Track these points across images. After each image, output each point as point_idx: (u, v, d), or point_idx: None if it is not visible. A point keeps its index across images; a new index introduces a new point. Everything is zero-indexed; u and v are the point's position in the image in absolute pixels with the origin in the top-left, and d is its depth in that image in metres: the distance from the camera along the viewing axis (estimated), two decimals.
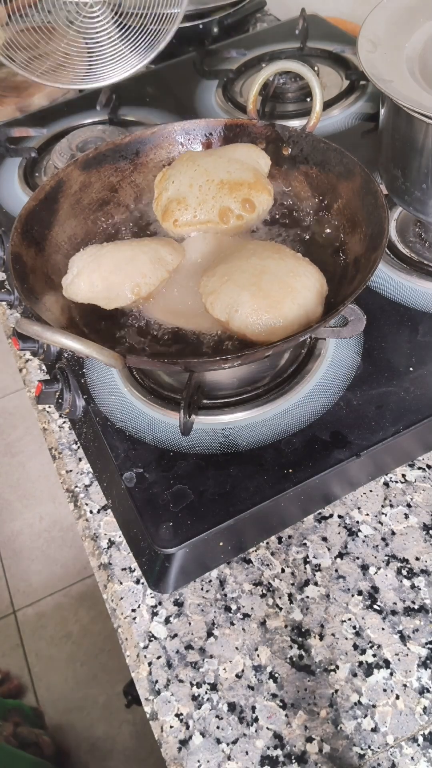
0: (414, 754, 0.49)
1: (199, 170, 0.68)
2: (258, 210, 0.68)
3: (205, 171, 0.68)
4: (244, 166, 0.69)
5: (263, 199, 0.68)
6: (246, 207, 0.67)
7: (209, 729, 0.51)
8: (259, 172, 0.69)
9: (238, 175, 0.68)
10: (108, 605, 0.60)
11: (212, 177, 0.68)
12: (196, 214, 0.68)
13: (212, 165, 0.69)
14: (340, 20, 1.22)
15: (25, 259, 0.62)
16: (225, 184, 0.67)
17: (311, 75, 0.68)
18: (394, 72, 0.63)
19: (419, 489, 0.62)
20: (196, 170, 0.68)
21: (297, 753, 0.50)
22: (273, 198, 0.69)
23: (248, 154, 0.70)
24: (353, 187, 0.65)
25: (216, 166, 0.68)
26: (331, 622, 0.55)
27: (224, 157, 0.70)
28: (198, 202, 0.67)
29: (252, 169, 0.69)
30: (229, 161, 0.69)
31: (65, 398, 0.67)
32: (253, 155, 0.70)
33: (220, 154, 0.71)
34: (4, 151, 1.02)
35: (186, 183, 0.68)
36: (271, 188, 0.69)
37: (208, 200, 0.67)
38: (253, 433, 0.61)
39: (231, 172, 0.68)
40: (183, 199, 0.68)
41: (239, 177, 0.68)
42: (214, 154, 0.71)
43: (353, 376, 0.64)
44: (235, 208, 0.67)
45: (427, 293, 0.71)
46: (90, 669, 1.50)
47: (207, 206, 0.67)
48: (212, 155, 0.70)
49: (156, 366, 0.60)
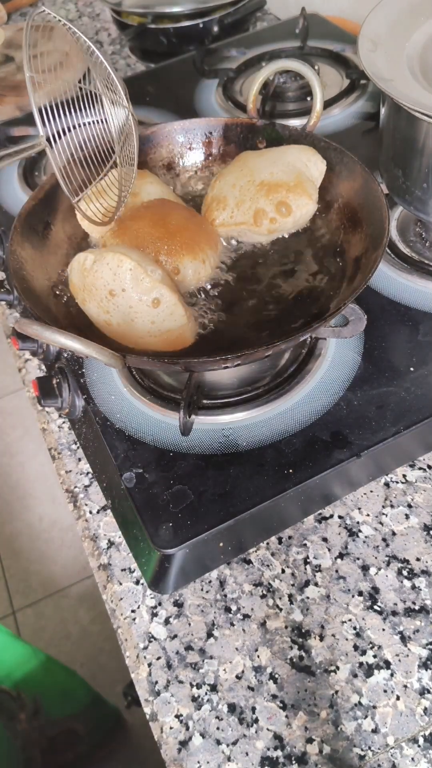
0: (414, 755, 0.48)
1: (245, 170, 0.67)
2: (295, 214, 0.65)
3: (250, 171, 0.66)
4: (289, 169, 0.66)
5: (302, 203, 0.65)
6: (281, 210, 0.64)
7: (209, 730, 0.51)
8: (303, 176, 0.66)
9: (280, 177, 0.65)
10: (107, 606, 0.59)
11: (254, 178, 0.66)
12: (233, 214, 0.66)
13: (258, 165, 0.67)
14: (340, 19, 1.22)
15: (24, 258, 0.62)
16: (264, 186, 0.65)
17: (311, 74, 0.68)
18: (394, 71, 0.63)
19: (420, 489, 0.62)
20: (242, 170, 0.67)
21: (297, 754, 0.50)
22: (317, 203, 0.67)
23: (298, 157, 0.67)
24: (354, 187, 0.65)
25: (261, 167, 0.66)
26: (331, 623, 0.55)
27: (273, 158, 0.67)
28: (236, 202, 0.66)
29: (297, 172, 0.66)
30: (274, 162, 0.67)
31: (65, 397, 0.67)
32: (303, 158, 0.67)
33: (270, 155, 0.68)
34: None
35: (230, 182, 0.67)
36: (314, 193, 0.66)
37: (246, 201, 0.65)
38: (253, 433, 0.61)
39: (273, 173, 0.65)
40: (223, 198, 0.66)
41: (279, 179, 0.65)
42: (265, 155, 0.68)
43: (354, 376, 0.64)
44: (269, 211, 0.64)
45: (428, 293, 0.71)
46: (89, 669, 1.50)
47: (244, 207, 0.65)
48: (263, 155, 0.68)
49: (156, 366, 0.60)
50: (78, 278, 0.58)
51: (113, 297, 0.55)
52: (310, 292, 0.64)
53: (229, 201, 0.66)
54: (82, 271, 0.57)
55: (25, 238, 0.63)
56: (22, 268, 0.61)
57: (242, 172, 0.67)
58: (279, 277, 0.66)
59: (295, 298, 0.64)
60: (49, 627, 1.60)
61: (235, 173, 0.68)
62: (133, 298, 0.55)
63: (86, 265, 0.56)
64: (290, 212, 0.65)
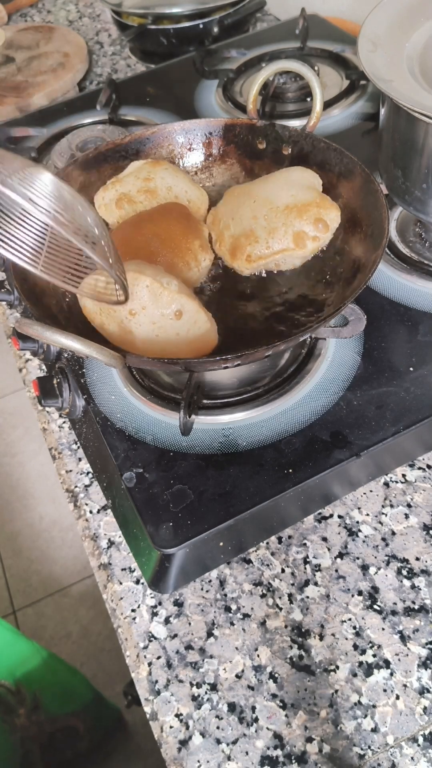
0: (414, 755, 0.49)
1: (258, 201, 0.65)
2: (331, 228, 0.64)
3: (265, 200, 0.64)
4: (304, 188, 0.65)
5: (333, 216, 0.64)
6: (319, 227, 0.63)
7: (209, 729, 0.51)
8: (318, 191, 0.66)
9: (302, 196, 0.64)
10: (108, 605, 0.60)
11: (275, 204, 0.64)
12: (269, 244, 0.63)
13: (271, 192, 0.65)
14: (340, 20, 1.22)
15: None
16: (292, 209, 0.63)
17: (311, 75, 0.68)
18: (394, 72, 0.63)
19: (419, 489, 0.62)
20: (255, 201, 0.65)
21: (297, 753, 0.50)
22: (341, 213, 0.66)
23: (302, 175, 0.67)
24: (353, 187, 0.65)
25: (275, 193, 0.65)
26: (331, 623, 0.55)
27: (280, 182, 0.66)
28: (267, 232, 0.63)
29: (313, 189, 0.65)
30: (287, 185, 0.65)
31: (65, 397, 0.67)
32: (308, 176, 0.67)
33: (272, 181, 0.67)
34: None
35: (248, 216, 0.64)
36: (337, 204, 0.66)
37: (279, 228, 0.63)
38: (253, 433, 0.61)
39: (294, 195, 0.64)
40: (251, 232, 0.64)
41: (304, 199, 0.64)
42: (267, 182, 0.67)
43: (353, 376, 0.64)
44: (309, 231, 0.63)
45: (428, 293, 0.71)
46: (90, 669, 1.50)
47: (278, 234, 0.63)
48: (265, 183, 0.67)
49: (156, 366, 0.60)
50: (92, 302, 0.57)
51: (134, 316, 0.55)
52: (310, 293, 0.64)
53: (258, 233, 0.64)
54: None
55: None
56: (23, 268, 0.61)
57: (256, 203, 0.65)
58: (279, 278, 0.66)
59: (295, 299, 0.64)
60: (49, 626, 1.60)
61: (246, 205, 0.65)
62: (155, 314, 0.55)
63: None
64: (327, 228, 0.63)
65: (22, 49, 1.29)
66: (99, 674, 1.49)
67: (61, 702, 1.10)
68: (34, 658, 1.03)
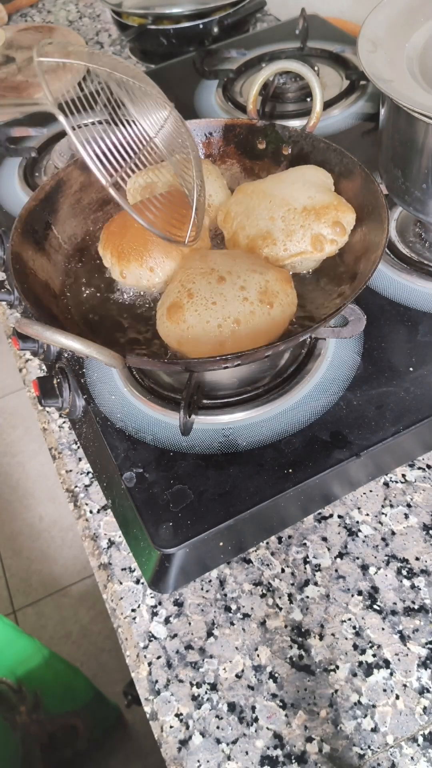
0: (414, 754, 0.49)
1: (275, 201, 0.64)
2: (347, 232, 0.63)
3: (282, 200, 0.63)
4: (321, 189, 0.64)
5: (350, 220, 0.63)
6: (337, 231, 0.62)
7: (209, 729, 0.51)
8: (334, 193, 0.66)
9: (320, 198, 0.63)
10: (108, 605, 0.60)
11: (292, 205, 0.63)
12: (286, 246, 0.62)
13: (287, 193, 0.64)
14: (340, 20, 1.22)
15: (25, 259, 0.62)
16: (310, 211, 0.62)
17: (311, 75, 0.68)
18: (394, 72, 0.63)
19: (419, 489, 0.62)
20: (271, 201, 0.64)
21: (297, 753, 0.50)
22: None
23: (315, 175, 0.66)
24: (353, 187, 0.65)
25: (292, 194, 0.64)
26: (331, 622, 0.55)
27: (297, 182, 0.65)
28: (285, 234, 0.62)
29: (329, 190, 0.65)
30: (305, 186, 0.64)
31: (65, 397, 0.67)
32: (322, 176, 0.67)
33: (288, 180, 0.66)
34: (4, 151, 1.02)
35: (265, 216, 0.63)
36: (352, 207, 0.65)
37: (297, 230, 0.62)
38: (253, 433, 0.61)
39: (312, 197, 0.63)
40: (268, 234, 0.63)
41: (322, 201, 0.63)
42: (282, 181, 0.66)
43: (353, 376, 0.64)
44: (327, 234, 0.62)
45: (427, 293, 0.71)
46: (90, 669, 1.50)
47: (296, 237, 0.62)
48: (280, 182, 0.66)
49: (156, 366, 0.60)
50: (179, 331, 0.57)
51: (238, 326, 0.56)
52: (310, 293, 0.64)
53: (275, 235, 0.63)
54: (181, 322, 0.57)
55: (25, 238, 0.64)
56: (23, 268, 0.61)
57: (273, 203, 0.64)
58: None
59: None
60: (49, 626, 1.60)
61: (263, 205, 0.64)
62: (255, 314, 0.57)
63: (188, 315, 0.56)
64: (345, 231, 0.63)
65: (22, 49, 1.29)
66: (99, 674, 1.49)
67: (62, 700, 1.11)
68: (35, 657, 1.03)
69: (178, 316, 0.57)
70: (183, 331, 0.57)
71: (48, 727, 1.03)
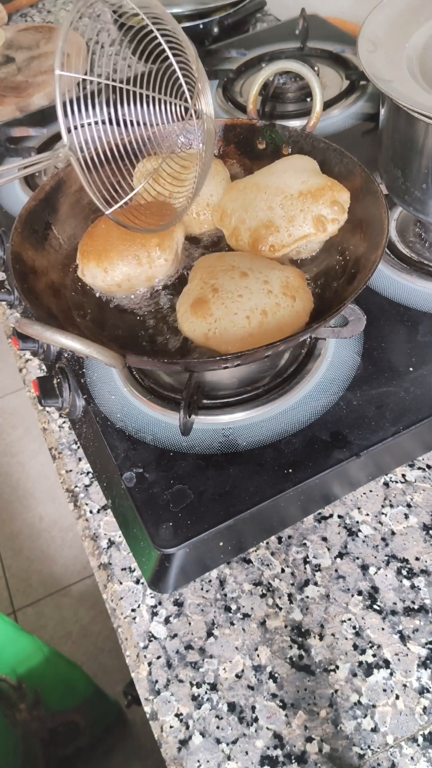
0: (414, 754, 0.49)
1: (269, 191, 0.65)
2: (345, 209, 0.64)
3: (277, 189, 0.65)
4: (313, 173, 0.66)
5: (346, 198, 0.65)
6: (335, 209, 0.63)
7: (209, 729, 0.51)
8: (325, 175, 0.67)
9: (314, 182, 0.64)
10: (108, 605, 0.60)
11: (288, 192, 0.64)
12: (290, 232, 0.64)
13: (280, 181, 0.65)
14: (340, 20, 1.22)
15: (25, 259, 0.62)
16: (307, 195, 0.63)
17: (311, 75, 0.68)
18: (394, 72, 0.63)
19: (419, 489, 0.62)
20: (266, 192, 0.65)
21: (297, 753, 0.50)
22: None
23: (304, 163, 0.68)
24: (353, 187, 0.65)
25: (285, 182, 0.65)
26: (331, 622, 0.55)
27: (287, 170, 0.66)
28: (287, 220, 0.64)
29: (319, 173, 0.66)
30: (296, 173, 0.66)
31: (65, 397, 0.67)
32: (308, 163, 0.68)
33: (278, 170, 0.67)
34: (4, 151, 1.02)
35: (263, 207, 0.65)
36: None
37: (297, 215, 0.63)
38: (253, 433, 0.61)
39: (305, 182, 0.64)
40: (270, 222, 0.64)
41: (316, 183, 0.64)
42: (272, 173, 0.67)
43: (353, 376, 0.64)
44: (327, 214, 0.63)
45: (427, 293, 0.71)
46: (90, 669, 1.50)
47: (298, 221, 0.63)
48: (270, 174, 0.67)
49: (156, 366, 0.60)
50: (206, 324, 0.57)
51: (265, 317, 0.57)
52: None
53: (277, 222, 0.64)
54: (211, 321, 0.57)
55: (25, 238, 0.64)
56: (23, 268, 0.61)
57: (268, 194, 0.65)
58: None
59: None
60: (49, 626, 1.60)
61: (259, 197, 0.65)
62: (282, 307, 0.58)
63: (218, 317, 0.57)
64: (343, 209, 0.64)
65: (22, 49, 1.29)
66: (99, 674, 1.49)
67: (62, 697, 1.11)
68: (35, 655, 1.03)
69: (204, 311, 0.57)
70: (210, 324, 0.57)
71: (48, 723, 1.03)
